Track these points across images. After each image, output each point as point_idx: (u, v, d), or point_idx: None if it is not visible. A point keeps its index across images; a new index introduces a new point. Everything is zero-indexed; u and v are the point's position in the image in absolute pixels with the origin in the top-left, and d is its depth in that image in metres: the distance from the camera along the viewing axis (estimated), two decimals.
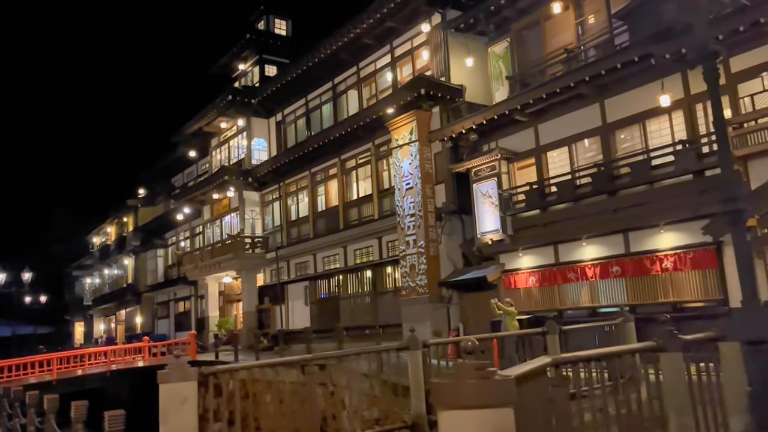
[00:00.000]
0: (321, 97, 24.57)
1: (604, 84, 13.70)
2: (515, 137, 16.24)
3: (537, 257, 15.65)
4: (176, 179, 37.40)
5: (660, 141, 13.03)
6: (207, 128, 29.25)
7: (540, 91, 14.49)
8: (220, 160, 29.87)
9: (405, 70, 21.07)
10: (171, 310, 35.65)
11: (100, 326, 50.03)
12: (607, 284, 14.00)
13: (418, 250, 17.88)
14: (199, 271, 27.99)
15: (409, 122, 18.42)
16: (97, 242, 50.11)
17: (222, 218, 28.68)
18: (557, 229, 14.91)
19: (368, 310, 20.95)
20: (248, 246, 25.37)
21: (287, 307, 24.77)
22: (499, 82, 17.66)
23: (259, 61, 28.92)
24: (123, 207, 41.91)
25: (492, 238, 16.18)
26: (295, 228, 24.87)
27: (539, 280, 15.52)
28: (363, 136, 21.03)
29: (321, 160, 23.35)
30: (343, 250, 22.20)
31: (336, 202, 22.76)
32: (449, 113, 18.26)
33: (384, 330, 19.68)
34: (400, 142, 18.75)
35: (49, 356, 21.71)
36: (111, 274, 44.87)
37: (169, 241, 36.58)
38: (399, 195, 18.69)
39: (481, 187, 16.60)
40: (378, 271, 20.65)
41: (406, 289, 18.26)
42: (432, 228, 17.95)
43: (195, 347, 23.24)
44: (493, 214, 16.19)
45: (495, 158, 16.14)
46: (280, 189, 25.75)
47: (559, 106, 14.87)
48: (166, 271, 36.51)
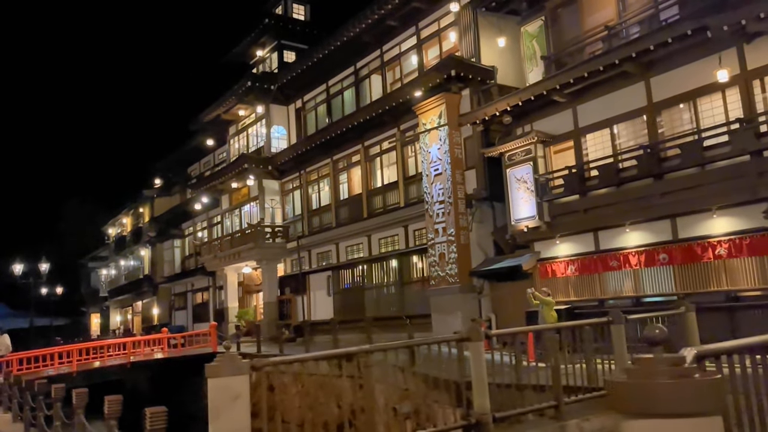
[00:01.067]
0: (342, 83, 23.93)
1: (651, 61, 12.94)
2: (552, 119, 15.50)
3: (575, 245, 14.95)
4: (192, 169, 36.94)
5: (712, 120, 12.26)
6: (225, 116, 28.70)
7: (581, 70, 13.74)
8: (239, 148, 29.31)
9: (431, 52, 20.38)
10: (188, 302, 35.28)
11: (117, 318, 49.90)
12: (653, 272, 13.29)
13: (448, 238, 17.24)
14: (218, 261, 27.52)
15: (437, 105, 17.74)
16: (112, 233, 49.88)
17: (241, 207, 28.16)
18: (598, 215, 14.19)
19: (394, 301, 20.37)
20: (269, 235, 24.85)
21: (309, 297, 24.25)
22: (532, 63, 16.92)
23: (278, 47, 28.29)
24: (139, 198, 41.56)
25: (527, 225, 15.50)
26: (317, 217, 24.30)
27: (578, 269, 14.83)
28: (388, 121, 20.37)
29: (343, 147, 22.73)
30: (367, 239, 21.59)
31: (359, 189, 22.15)
32: (480, 96, 17.56)
33: (411, 321, 19.09)
34: (428, 126, 18.08)
35: (69, 347, 21.34)
36: (127, 265, 44.61)
37: (185, 231, 36.17)
38: (427, 181, 18.04)
39: (515, 172, 15.91)
40: (404, 261, 20.04)
41: (435, 278, 17.64)
42: (462, 215, 17.30)
43: (216, 338, 22.75)
44: (529, 200, 15.50)
45: (531, 141, 15.43)
46: (300, 177, 25.17)
47: (601, 86, 14.10)
48: (184, 262, 36.12)
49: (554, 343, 7.35)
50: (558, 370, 7.12)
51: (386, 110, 19.77)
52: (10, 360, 18.94)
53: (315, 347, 18.30)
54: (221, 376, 4.99)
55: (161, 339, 24.49)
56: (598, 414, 7.10)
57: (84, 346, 22.35)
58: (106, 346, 23.23)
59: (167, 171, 39.16)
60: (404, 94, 18.93)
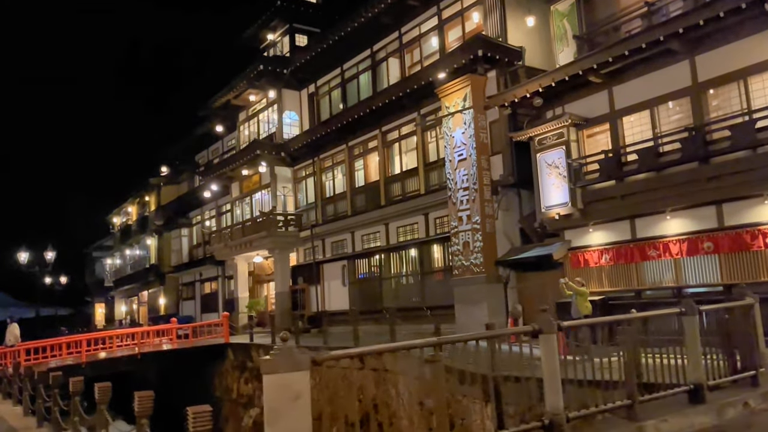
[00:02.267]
0: (358, 66, 23.18)
1: (698, 37, 12.18)
2: (585, 102, 14.77)
3: (610, 233, 14.27)
4: (201, 156, 36.23)
5: (765, 101, 11.54)
6: (235, 101, 27.96)
7: (622, 47, 13.00)
8: (249, 135, 28.61)
9: (452, 34, 19.62)
10: (197, 292, 34.68)
11: (122, 308, 49.35)
12: (696, 261, 12.62)
13: (473, 227, 16.55)
14: (228, 250, 26.87)
15: (462, 87, 17.00)
16: (117, 222, 49.24)
17: (252, 195, 27.47)
18: (636, 201, 13.50)
19: (414, 291, 19.72)
20: (281, 224, 24.17)
21: (323, 287, 23.61)
22: (563, 43, 16.20)
23: (289, 31, 27.50)
24: (145, 186, 40.88)
25: (559, 213, 14.81)
26: (331, 205, 23.61)
27: (613, 258, 14.15)
28: (407, 105, 19.64)
29: (360, 133, 22.02)
30: (384, 228, 20.92)
31: (376, 176, 21.45)
32: (507, 78, 16.83)
33: (432, 312, 18.48)
34: (452, 109, 17.34)
35: (78, 338, 20.74)
36: (133, 254, 44.00)
37: (193, 220, 35.52)
38: (450, 167, 17.33)
39: (545, 157, 15.20)
40: (424, 250, 19.37)
41: (458, 268, 16.96)
42: (488, 202, 16.61)
43: (228, 329, 22.15)
44: (560, 186, 14.80)
45: (563, 124, 14.71)
46: (314, 164, 24.46)
47: (640, 65, 13.36)
48: (191, 251, 35.49)
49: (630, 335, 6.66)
50: (632, 366, 6.45)
51: (406, 94, 19.05)
52: (18, 350, 18.35)
53: (333, 338, 17.65)
54: (279, 372, 4.32)
55: (170, 330, 23.92)
56: (677, 414, 6.46)
57: (93, 337, 21.77)
58: (114, 336, 22.65)
59: (174, 158, 38.45)
60: (426, 76, 18.20)
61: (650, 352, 7.03)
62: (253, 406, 20.76)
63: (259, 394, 21.04)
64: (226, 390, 22.12)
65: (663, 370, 6.90)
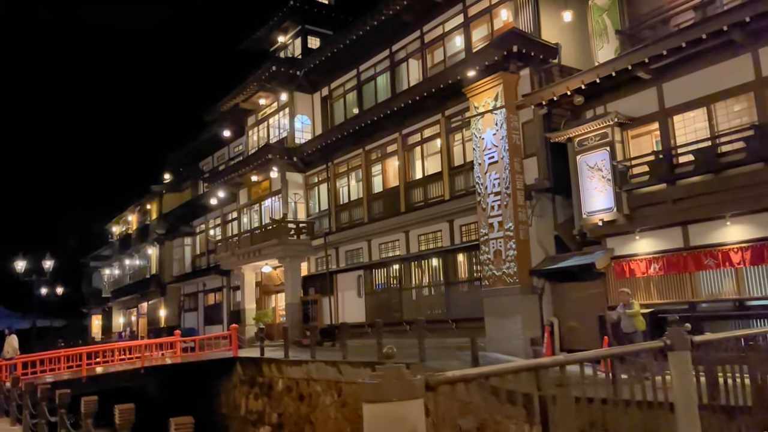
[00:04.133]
0: (376, 68, 22.21)
1: (763, 28, 11.23)
2: (630, 100, 13.78)
3: (659, 240, 13.22)
4: (205, 163, 35.15)
5: None
6: (244, 105, 26.94)
7: (678, 40, 12.03)
8: (258, 140, 27.59)
9: (479, 32, 18.70)
10: (200, 303, 33.46)
11: (120, 319, 48.03)
12: (762, 271, 11.57)
13: (506, 234, 15.48)
14: (235, 259, 25.72)
15: (494, 86, 16.01)
16: (117, 231, 48.04)
17: (261, 202, 26.38)
18: (690, 205, 12.46)
19: (437, 303, 18.61)
20: (293, 231, 23.07)
21: (336, 298, 22.47)
22: (602, 40, 15.28)
23: (302, 32, 26.57)
24: (146, 193, 39.73)
25: (602, 219, 13.75)
26: (346, 212, 22.54)
27: (663, 268, 13.09)
28: (431, 107, 18.64)
29: (377, 137, 21.00)
30: (404, 236, 19.84)
31: (396, 182, 20.40)
32: (542, 76, 15.86)
33: (457, 324, 17.42)
34: (482, 109, 16.34)
35: (78, 350, 19.53)
36: (132, 264, 42.76)
37: (197, 228, 34.37)
38: (480, 171, 16.29)
39: (587, 159, 14.18)
40: (449, 259, 18.28)
41: (489, 278, 15.87)
42: (521, 208, 15.56)
43: (237, 342, 20.98)
44: (604, 190, 13.77)
45: (607, 124, 13.70)
46: (327, 169, 23.41)
47: (694, 60, 12.39)
48: (194, 261, 34.31)
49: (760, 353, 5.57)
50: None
51: (430, 94, 18.05)
52: (15, 363, 17.15)
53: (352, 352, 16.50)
54: (387, 401, 3.22)
55: (174, 342, 22.73)
56: None
57: (94, 350, 20.56)
58: (116, 349, 21.46)
59: (177, 165, 37.37)
60: (453, 75, 17.22)
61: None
62: (264, 424, 19.55)
63: (269, 411, 19.88)
64: (233, 406, 20.90)
65: None
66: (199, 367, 20.81)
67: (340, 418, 16.25)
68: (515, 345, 14.84)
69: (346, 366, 15.81)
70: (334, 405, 16.56)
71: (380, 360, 15.13)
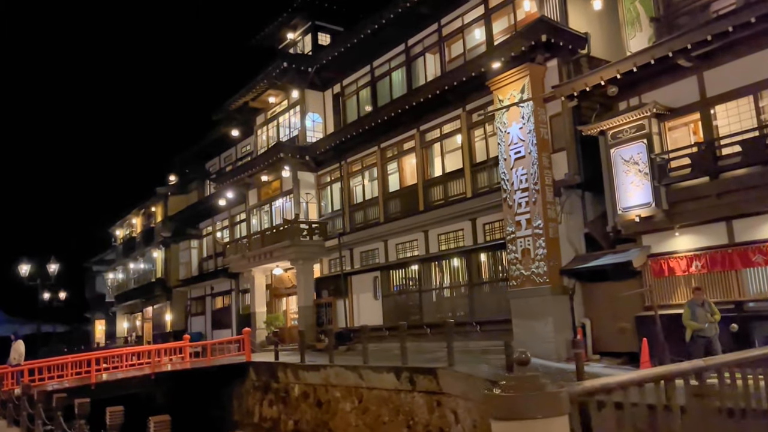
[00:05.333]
0: (390, 63, 21.57)
1: None
2: (667, 90, 13.12)
3: (701, 236, 12.56)
4: (212, 164, 34.50)
5: None
6: (253, 103, 26.30)
7: (724, 24, 11.38)
8: (267, 139, 26.95)
9: (500, 24, 18.08)
10: (207, 306, 32.75)
11: (124, 324, 47.33)
12: None
13: (534, 232, 14.82)
14: (245, 261, 25.05)
15: (520, 78, 15.37)
16: (120, 235, 47.33)
17: (271, 203, 25.71)
18: (736, 199, 11.79)
19: (459, 305, 17.93)
20: (305, 232, 22.40)
21: (351, 301, 21.79)
22: (634, 28, 14.61)
23: (311, 29, 25.94)
24: (151, 196, 39.05)
25: (639, 214, 13.08)
26: (360, 212, 21.86)
27: (705, 266, 12.42)
28: (451, 102, 17.99)
29: (393, 133, 20.35)
30: (423, 236, 19.17)
31: (413, 180, 19.75)
32: (570, 68, 15.23)
33: (481, 327, 16.74)
34: (507, 102, 15.70)
35: (87, 356, 18.83)
36: (137, 268, 42.06)
37: (204, 231, 33.69)
38: (506, 166, 15.64)
39: (622, 152, 13.52)
40: (472, 259, 17.59)
41: (516, 278, 15.20)
42: (550, 205, 14.90)
43: (250, 346, 20.30)
44: (641, 184, 13.10)
45: (644, 115, 13.04)
46: (340, 168, 22.74)
47: (740, 46, 11.75)
48: (202, 264, 33.61)
49: None
50: None
51: (451, 88, 17.40)
52: (22, 370, 16.47)
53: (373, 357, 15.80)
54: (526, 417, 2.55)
55: (183, 347, 22.02)
56: None
57: (102, 355, 19.86)
58: (124, 355, 20.76)
59: (183, 167, 36.72)
60: (475, 67, 16.57)
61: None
62: (279, 431, 18.86)
63: (285, 418, 19.19)
64: (247, 413, 20.21)
65: None
66: (211, 372, 20.12)
67: (361, 425, 15.56)
68: (546, 348, 14.18)
69: (368, 371, 15.13)
70: (354, 411, 15.86)
71: (404, 365, 14.49)
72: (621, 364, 13.41)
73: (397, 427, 14.39)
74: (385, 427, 14.76)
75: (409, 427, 14.11)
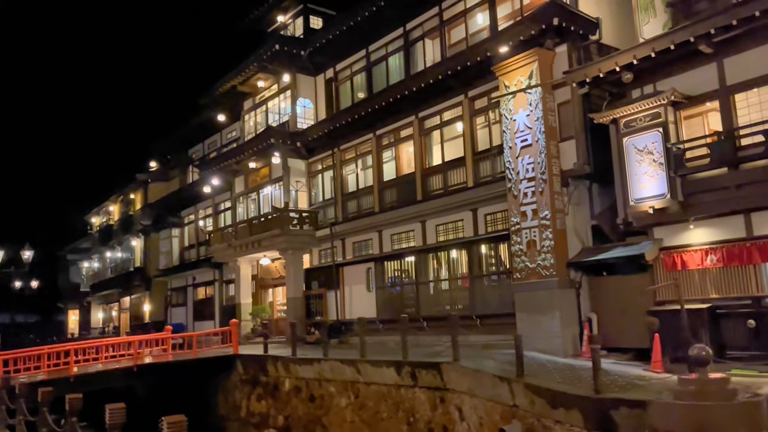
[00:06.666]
0: (387, 47, 20.88)
1: None
2: (685, 77, 12.66)
3: (717, 229, 12.15)
4: (194, 151, 33.46)
5: None
6: (241, 87, 25.42)
7: (750, 9, 10.93)
8: (255, 125, 26.09)
9: (504, 8, 17.47)
10: (189, 297, 31.80)
11: (99, 314, 46.07)
12: None
13: (541, 223, 14.32)
14: (232, 251, 24.22)
15: (528, 63, 14.83)
16: (96, 223, 45.98)
17: (259, 191, 24.89)
18: (756, 191, 11.38)
19: (458, 298, 17.40)
20: (296, 221, 21.66)
21: (343, 292, 21.13)
22: (648, 14, 14.13)
23: (303, 12, 25.10)
24: (130, 182, 37.87)
25: (653, 206, 12.64)
26: (354, 201, 21.19)
27: (722, 259, 12.02)
28: (452, 88, 17.40)
29: (390, 120, 19.71)
30: (420, 226, 18.58)
31: (411, 169, 19.14)
32: (580, 54, 14.73)
33: (482, 321, 16.23)
34: (513, 89, 15.15)
35: (65, 347, 17.92)
36: (114, 257, 40.84)
37: (186, 219, 32.69)
38: (511, 155, 15.10)
39: (635, 142, 13.04)
40: (473, 250, 17.06)
41: (521, 271, 14.70)
42: (558, 195, 14.41)
43: (237, 338, 19.54)
44: (655, 175, 12.64)
45: (660, 103, 12.58)
46: (333, 156, 22.03)
47: (763, 32, 11.34)
48: (183, 253, 32.62)
49: None
50: None
51: (454, 73, 16.80)
52: None
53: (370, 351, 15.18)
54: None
55: (166, 339, 21.16)
56: None
57: (82, 346, 18.96)
58: (105, 346, 19.85)
59: (164, 153, 35.61)
60: (480, 52, 16.00)
61: None
62: (267, 426, 18.15)
63: (274, 413, 18.49)
64: (233, 408, 19.48)
65: None
66: (196, 365, 19.33)
67: (357, 421, 14.95)
68: (552, 343, 13.73)
69: (366, 365, 14.52)
70: (350, 407, 15.25)
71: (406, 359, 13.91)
72: (629, 360, 13.00)
73: (396, 424, 13.82)
74: (384, 424, 14.17)
75: (410, 424, 13.53)
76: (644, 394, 9.22)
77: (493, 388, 11.41)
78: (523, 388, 10.68)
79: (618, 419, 8.80)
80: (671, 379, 11.06)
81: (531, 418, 10.56)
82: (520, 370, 11.03)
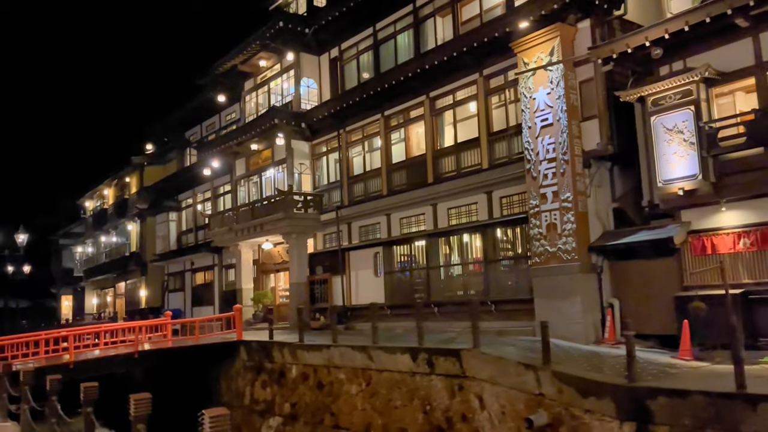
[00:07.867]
0: (396, 25, 20.18)
1: None
2: (717, 53, 12.11)
3: (751, 212, 11.67)
4: (192, 133, 32.68)
5: None
6: (242, 67, 24.66)
7: None
8: (256, 106, 25.37)
9: None
10: (186, 282, 31.16)
11: (93, 300, 45.33)
12: None
13: (562, 205, 13.79)
14: (232, 235, 23.59)
15: (549, 39, 14.21)
16: (90, 207, 45.12)
17: (261, 173, 24.23)
18: None
19: (472, 283, 16.89)
20: (300, 205, 21.05)
21: (349, 278, 20.58)
22: None
23: None
24: (125, 165, 37.03)
25: (683, 187, 12.12)
26: (360, 184, 20.58)
27: (756, 243, 11.56)
28: (466, 66, 16.77)
29: (399, 100, 19.06)
30: (431, 209, 18.01)
31: (421, 150, 18.53)
32: (604, 30, 14.14)
33: (497, 307, 15.74)
34: (533, 66, 14.55)
35: (64, 332, 17.32)
36: (108, 242, 40.07)
37: (183, 203, 31.97)
38: (530, 135, 14.53)
39: (664, 120, 12.50)
40: (487, 234, 16.52)
41: (540, 255, 14.18)
42: (580, 177, 13.87)
43: (241, 324, 18.99)
44: (686, 155, 12.12)
45: (691, 80, 12.03)
46: (339, 137, 21.39)
47: None
48: (181, 238, 31.94)
49: None
50: None
51: (469, 50, 16.16)
52: None
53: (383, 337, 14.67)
54: None
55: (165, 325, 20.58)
56: None
57: (81, 332, 18.35)
58: (103, 332, 19.24)
59: (161, 135, 34.79)
60: (498, 27, 15.37)
61: None
62: (273, 414, 17.64)
63: (280, 401, 17.99)
64: (236, 395, 18.94)
65: None
66: (199, 351, 18.79)
67: (369, 409, 14.45)
68: (574, 330, 13.24)
69: (378, 352, 13.99)
70: (361, 395, 14.74)
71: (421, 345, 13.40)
72: (651, 347, 12.51)
73: (411, 412, 13.32)
74: (397, 412, 13.67)
75: (426, 412, 13.03)
76: (679, 382, 8.79)
77: (517, 376, 10.91)
78: (550, 376, 10.20)
79: (655, 409, 8.34)
80: (704, 367, 10.67)
81: (558, 407, 10.08)
82: (547, 357, 10.55)
